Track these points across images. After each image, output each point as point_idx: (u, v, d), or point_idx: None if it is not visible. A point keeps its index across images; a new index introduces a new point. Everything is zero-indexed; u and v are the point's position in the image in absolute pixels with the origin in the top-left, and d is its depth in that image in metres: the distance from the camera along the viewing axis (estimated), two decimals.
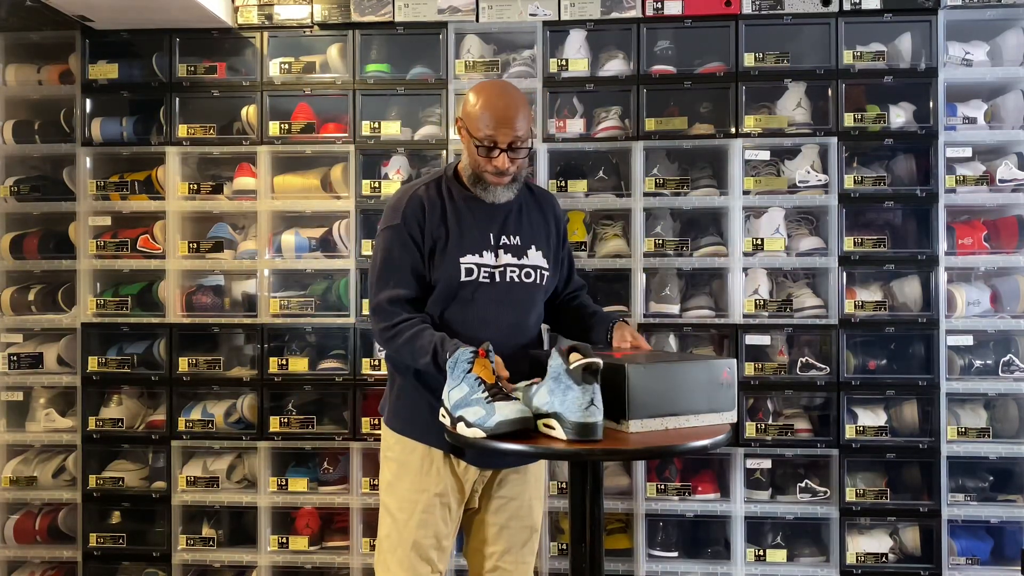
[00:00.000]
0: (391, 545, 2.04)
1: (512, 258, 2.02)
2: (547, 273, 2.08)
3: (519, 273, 2.02)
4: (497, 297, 2.00)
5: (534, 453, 1.67)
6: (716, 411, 1.74)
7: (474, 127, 1.94)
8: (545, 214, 2.14)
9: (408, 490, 2.03)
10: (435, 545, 2.03)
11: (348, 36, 3.02)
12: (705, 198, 2.94)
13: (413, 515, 2.01)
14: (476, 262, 1.99)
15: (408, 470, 2.03)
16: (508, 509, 2.09)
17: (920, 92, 2.91)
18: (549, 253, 2.10)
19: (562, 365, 1.59)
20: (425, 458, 2.02)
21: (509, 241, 2.03)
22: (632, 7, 2.95)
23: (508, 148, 1.93)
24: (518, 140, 1.93)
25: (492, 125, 1.91)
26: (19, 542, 3.08)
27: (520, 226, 2.06)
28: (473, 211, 2.02)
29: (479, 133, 1.93)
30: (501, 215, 2.04)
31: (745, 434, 2.87)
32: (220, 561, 3.00)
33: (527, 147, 1.98)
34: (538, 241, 2.08)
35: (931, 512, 2.84)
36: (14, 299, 3.12)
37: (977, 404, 2.93)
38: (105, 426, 3.04)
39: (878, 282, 2.97)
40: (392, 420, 2.09)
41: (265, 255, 3.03)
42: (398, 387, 2.08)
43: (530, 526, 2.13)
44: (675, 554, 2.92)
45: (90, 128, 3.09)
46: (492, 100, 1.95)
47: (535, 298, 2.08)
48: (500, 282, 2.00)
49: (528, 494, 2.12)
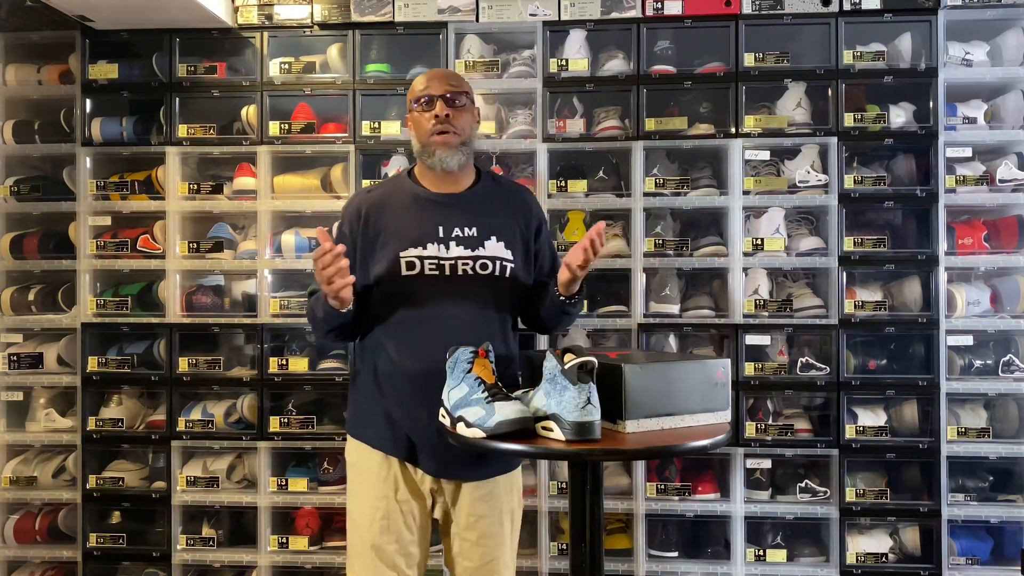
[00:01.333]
0: (356, 552, 2.04)
1: (465, 250, 1.98)
2: (511, 265, 2.01)
3: (473, 265, 1.98)
4: (448, 290, 1.96)
5: (534, 453, 1.67)
6: (711, 411, 1.75)
7: (412, 95, 2.04)
8: (512, 205, 2.10)
9: (369, 496, 2.02)
10: (400, 551, 2.01)
11: (348, 36, 3.02)
12: (705, 198, 2.94)
13: (375, 521, 2.00)
14: (419, 255, 1.96)
15: (368, 476, 2.03)
16: (479, 527, 2.04)
17: (920, 92, 2.91)
18: (516, 244, 2.04)
19: (557, 366, 1.59)
20: (383, 464, 2.01)
21: (463, 233, 1.99)
22: (632, 7, 2.95)
23: (444, 98, 1.98)
24: (452, 90, 1.99)
25: (427, 82, 2.02)
26: (19, 542, 3.08)
27: (478, 216, 2.02)
28: (421, 205, 2.02)
29: (416, 95, 2.02)
30: (454, 206, 2.02)
31: (745, 434, 2.87)
32: (220, 561, 3.00)
33: (466, 104, 2.02)
34: (500, 232, 2.02)
35: (931, 512, 2.84)
36: (14, 299, 3.12)
37: (977, 404, 2.93)
38: (105, 426, 3.04)
39: (878, 282, 2.98)
40: (352, 427, 2.10)
41: (265, 255, 3.03)
42: (355, 394, 2.09)
43: (503, 542, 2.07)
44: (675, 554, 2.92)
45: (90, 128, 3.09)
46: (427, 72, 2.10)
47: (496, 291, 2.01)
48: (451, 275, 1.97)
49: (499, 509, 2.06)
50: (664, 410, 1.69)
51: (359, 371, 2.09)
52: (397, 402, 1.99)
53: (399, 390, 1.98)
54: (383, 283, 1.98)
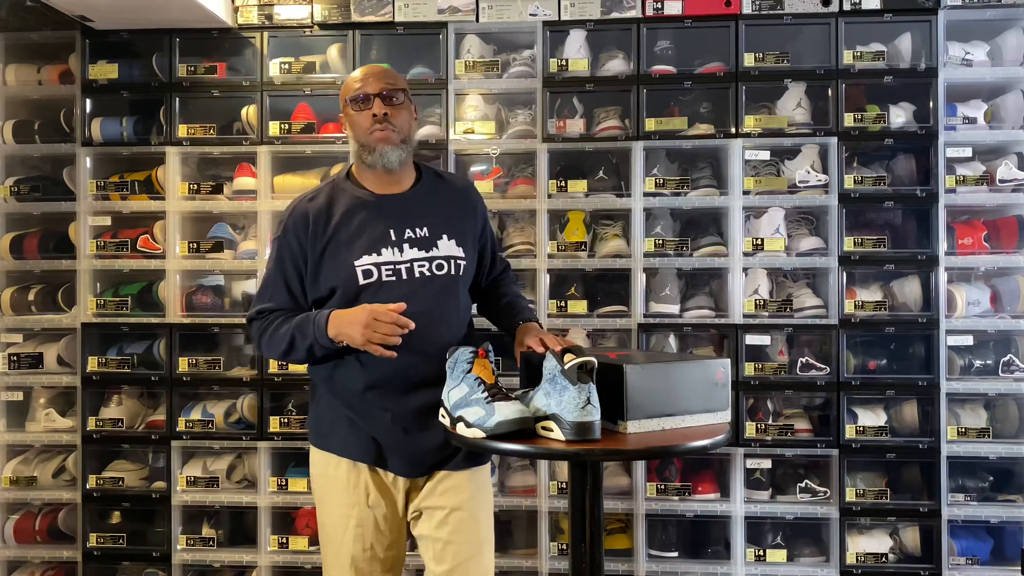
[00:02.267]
0: (331, 563, 2.03)
1: (419, 251, 1.94)
2: (463, 263, 1.99)
3: (429, 266, 1.94)
4: (406, 295, 1.89)
5: (534, 453, 1.68)
6: (711, 411, 1.75)
7: (347, 93, 1.99)
8: (459, 200, 2.07)
9: (339, 505, 1.99)
10: (373, 556, 1.98)
11: (348, 36, 3.02)
12: (705, 198, 2.94)
13: (347, 531, 1.98)
14: (374, 262, 1.91)
15: (336, 485, 1.99)
16: (450, 522, 1.97)
17: (920, 92, 2.91)
18: (466, 240, 2.02)
19: (557, 366, 1.59)
20: (351, 472, 1.98)
21: (415, 234, 1.95)
22: (632, 7, 2.95)
23: (380, 96, 1.95)
24: (388, 88, 1.97)
25: (361, 80, 1.99)
26: (19, 542, 3.08)
27: (427, 216, 1.98)
28: (368, 209, 1.96)
29: (351, 94, 1.97)
30: (401, 208, 1.98)
31: (745, 434, 2.87)
32: (220, 561, 3.00)
33: (403, 100, 1.99)
34: (451, 229, 1.99)
35: (931, 512, 2.84)
36: (14, 299, 3.12)
37: (977, 404, 2.93)
38: (105, 426, 3.04)
39: (878, 282, 2.97)
40: (315, 437, 2.05)
41: (265, 255, 3.03)
42: (317, 402, 2.06)
43: (477, 540, 2.00)
44: (675, 554, 2.92)
45: (90, 128, 3.09)
46: (358, 70, 2.06)
47: (452, 290, 1.98)
48: (408, 279, 1.92)
49: (473, 505, 2.00)
50: (665, 411, 1.69)
51: (317, 382, 2.04)
52: (360, 408, 1.95)
53: (362, 396, 1.94)
54: (340, 292, 1.92)
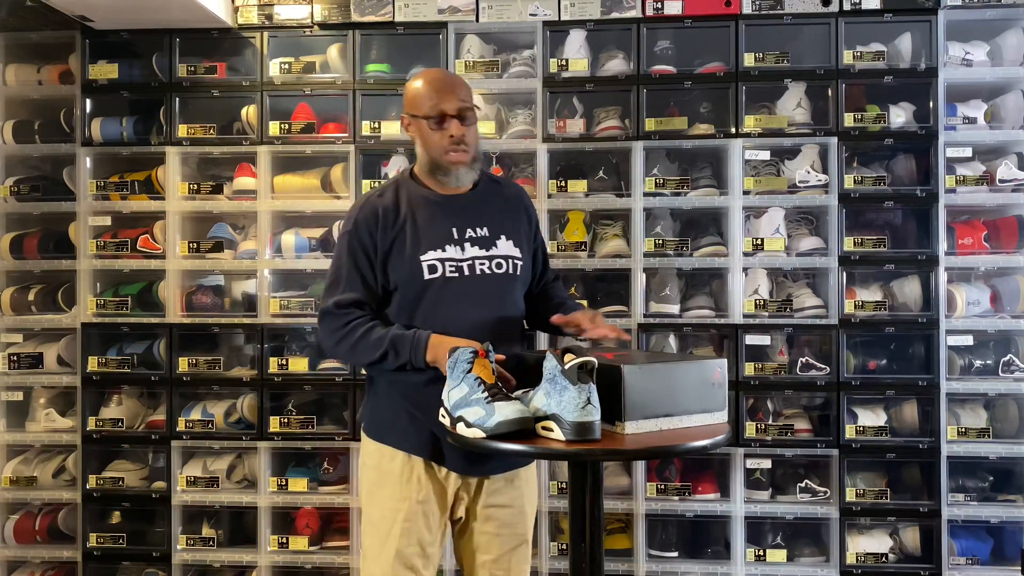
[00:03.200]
0: (374, 555, 2.02)
1: (480, 250, 1.98)
2: (520, 263, 2.03)
3: (489, 264, 1.98)
4: (467, 291, 1.95)
5: (534, 453, 1.67)
6: (708, 411, 1.75)
7: (421, 106, 1.97)
8: (514, 203, 2.11)
9: (389, 499, 2.00)
10: (419, 553, 1.99)
11: (348, 36, 3.02)
12: (705, 198, 2.94)
13: (395, 524, 1.98)
14: (439, 257, 1.95)
15: (388, 478, 2.00)
16: (498, 517, 2.03)
17: (920, 92, 2.91)
18: (522, 242, 2.06)
19: (557, 366, 1.59)
20: (405, 466, 1.99)
21: (475, 233, 2.00)
22: (632, 7, 2.95)
23: (458, 116, 1.95)
24: (465, 108, 1.96)
25: (437, 96, 1.95)
26: (19, 542, 3.08)
27: (486, 216, 2.02)
28: (432, 207, 2.00)
29: (426, 110, 1.95)
30: (464, 208, 2.02)
31: (745, 434, 2.87)
32: (220, 561, 3.00)
33: (475, 118, 1.99)
34: (508, 231, 2.04)
35: (931, 512, 2.84)
36: (14, 299, 3.12)
37: (977, 404, 2.93)
38: (105, 426, 3.04)
39: (878, 282, 2.97)
40: (371, 428, 2.07)
41: (265, 255, 3.03)
42: (376, 394, 2.06)
43: (521, 534, 2.07)
44: (675, 554, 2.92)
45: (90, 128, 3.09)
46: (432, 77, 2.01)
47: (510, 290, 2.03)
48: (469, 276, 1.96)
49: (519, 502, 2.06)
50: (662, 411, 1.69)
51: (375, 375, 2.05)
52: (422, 402, 1.95)
53: (424, 390, 1.94)
54: (405, 287, 1.96)
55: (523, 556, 2.08)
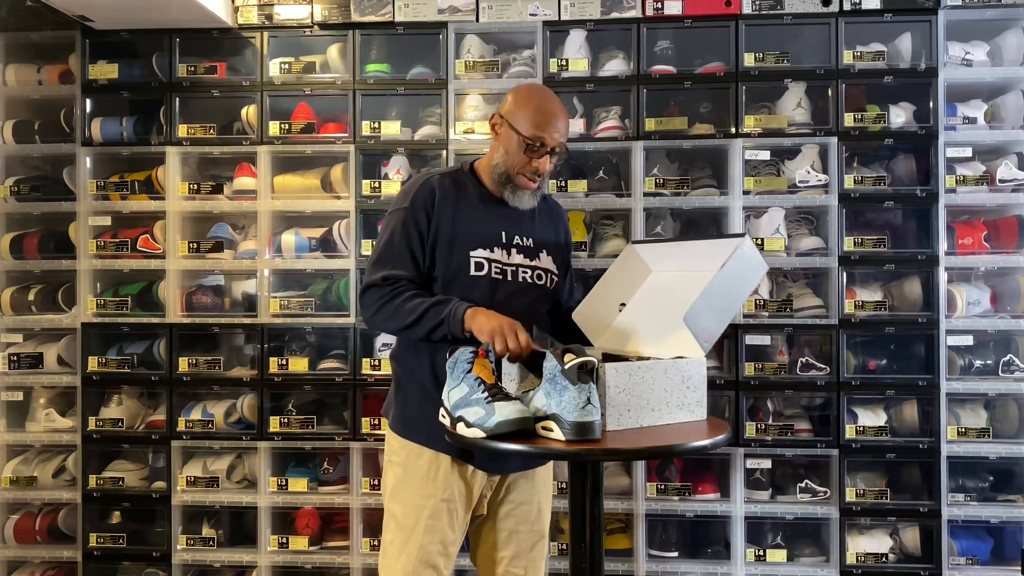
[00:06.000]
0: (396, 551, 2.01)
1: (524, 259, 2.02)
2: (556, 279, 2.08)
3: (531, 274, 2.02)
4: (509, 295, 1.97)
5: (534, 453, 1.67)
6: (686, 408, 1.76)
7: (522, 123, 1.94)
8: (555, 221, 2.16)
9: (414, 496, 1.99)
10: (441, 551, 1.99)
11: (348, 36, 3.02)
12: (705, 198, 2.94)
13: (420, 521, 1.97)
14: (487, 256, 1.97)
15: (414, 475, 2.00)
16: (517, 514, 2.06)
17: (920, 92, 2.91)
18: (558, 259, 2.10)
19: (557, 366, 1.59)
20: (432, 463, 1.98)
21: (522, 242, 2.03)
22: (632, 7, 2.95)
23: (553, 152, 1.95)
24: (561, 145, 1.96)
25: (543, 126, 1.93)
26: (19, 542, 3.08)
27: (533, 229, 2.06)
28: (487, 207, 2.02)
29: (528, 131, 1.93)
30: (514, 216, 2.04)
31: (745, 434, 2.87)
32: (220, 561, 3.00)
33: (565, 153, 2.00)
34: (549, 247, 2.08)
35: (931, 512, 2.84)
36: (14, 299, 3.12)
37: (977, 404, 2.93)
38: (105, 426, 3.04)
39: (878, 282, 2.97)
40: (398, 425, 2.05)
41: (265, 255, 3.03)
42: (404, 391, 2.05)
43: (539, 530, 2.10)
44: (675, 554, 2.92)
45: (90, 128, 3.09)
46: (545, 102, 1.97)
47: (545, 301, 2.08)
48: (513, 280, 1.99)
49: (537, 498, 2.09)
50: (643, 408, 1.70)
51: (412, 369, 2.02)
52: None
53: None
54: (448, 278, 1.96)
55: (540, 552, 2.11)
